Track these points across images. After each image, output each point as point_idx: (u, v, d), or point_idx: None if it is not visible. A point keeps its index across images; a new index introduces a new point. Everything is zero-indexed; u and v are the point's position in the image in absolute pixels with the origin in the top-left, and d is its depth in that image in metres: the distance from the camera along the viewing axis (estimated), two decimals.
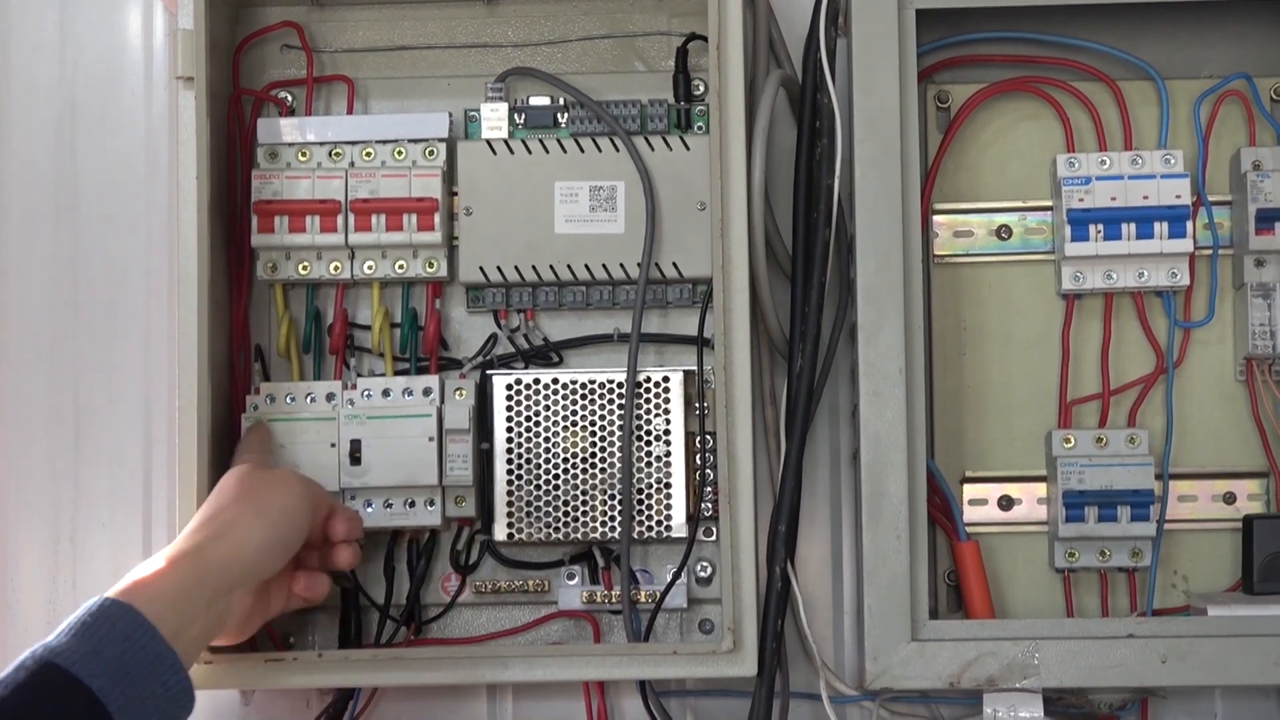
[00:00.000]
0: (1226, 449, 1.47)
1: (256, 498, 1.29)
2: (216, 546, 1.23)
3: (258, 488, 1.30)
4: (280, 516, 1.28)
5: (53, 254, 1.55)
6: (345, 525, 1.36)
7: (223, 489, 1.30)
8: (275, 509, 1.28)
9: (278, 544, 1.28)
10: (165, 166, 1.54)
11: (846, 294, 1.44)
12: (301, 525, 1.31)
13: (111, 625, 1.12)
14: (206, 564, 1.22)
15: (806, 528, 1.48)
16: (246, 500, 1.28)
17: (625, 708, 1.49)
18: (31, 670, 1.08)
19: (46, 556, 1.53)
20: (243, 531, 1.25)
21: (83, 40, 1.57)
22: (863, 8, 1.37)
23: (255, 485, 1.30)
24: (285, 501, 1.30)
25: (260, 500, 1.28)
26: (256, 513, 1.27)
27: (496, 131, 1.47)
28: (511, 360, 1.48)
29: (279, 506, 1.29)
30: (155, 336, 1.53)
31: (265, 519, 1.27)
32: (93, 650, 1.10)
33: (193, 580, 1.20)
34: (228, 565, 1.23)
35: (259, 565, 1.26)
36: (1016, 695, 1.33)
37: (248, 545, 1.25)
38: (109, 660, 1.10)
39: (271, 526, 1.27)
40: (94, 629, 1.12)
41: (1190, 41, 1.49)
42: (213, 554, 1.23)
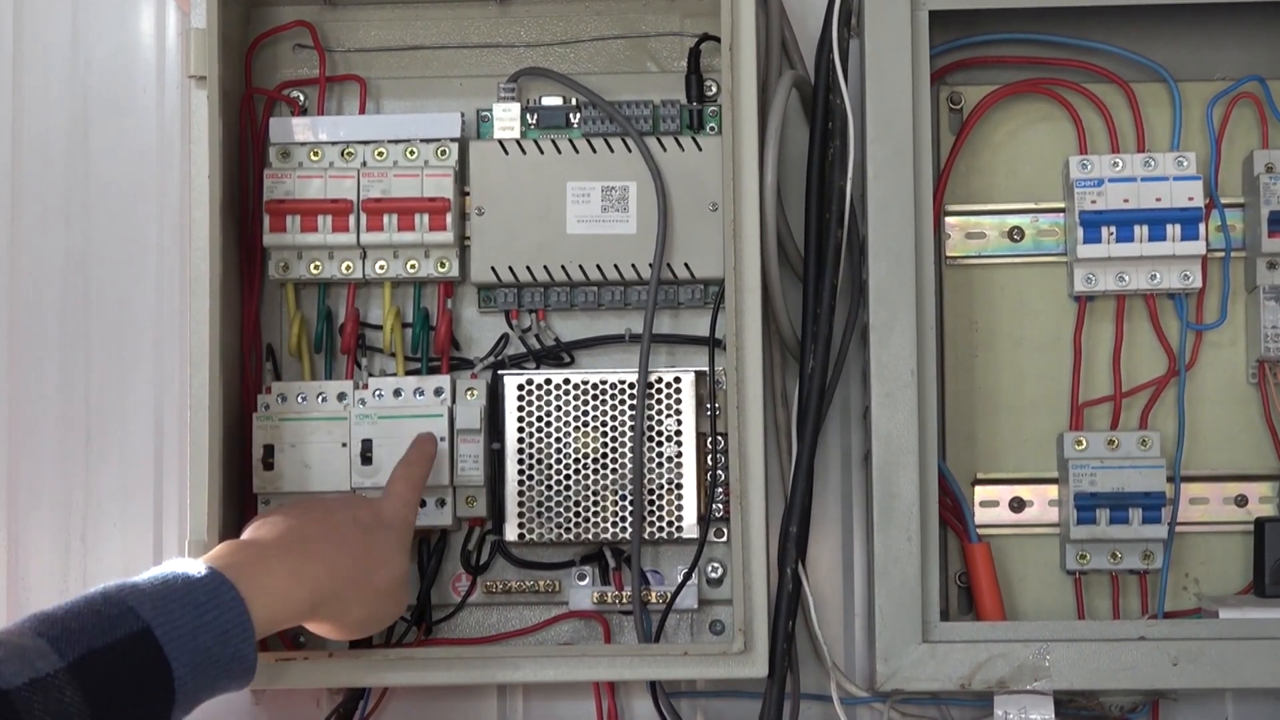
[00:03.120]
0: (1238, 451, 1.47)
1: (388, 604, 1.29)
2: (329, 609, 1.24)
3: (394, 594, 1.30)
4: (379, 626, 1.31)
5: (65, 253, 1.55)
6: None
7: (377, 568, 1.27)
8: (385, 620, 1.31)
9: (355, 634, 1.29)
10: (177, 165, 1.54)
11: (858, 295, 1.44)
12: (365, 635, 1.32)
13: (218, 614, 1.13)
14: (313, 615, 1.23)
15: (817, 529, 1.48)
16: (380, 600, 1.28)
17: (636, 708, 1.49)
18: (131, 632, 1.08)
19: (58, 555, 1.53)
20: (354, 621, 1.27)
21: (95, 39, 1.57)
22: (876, 9, 1.37)
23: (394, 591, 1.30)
24: (386, 621, 1.31)
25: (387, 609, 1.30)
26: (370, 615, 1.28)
27: (509, 131, 1.47)
28: (523, 360, 1.48)
29: (388, 619, 1.31)
30: (167, 336, 1.54)
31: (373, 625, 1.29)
32: (189, 632, 1.10)
33: (297, 617, 1.21)
34: (320, 625, 1.26)
35: (331, 637, 1.28)
36: (1027, 697, 1.33)
37: (345, 631, 1.27)
38: (200, 649, 1.11)
39: (368, 630, 1.29)
40: (201, 610, 1.12)
41: (1203, 43, 1.49)
42: (323, 612, 1.23)
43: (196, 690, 1.12)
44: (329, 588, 1.23)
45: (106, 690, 1.06)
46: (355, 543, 1.27)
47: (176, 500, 1.51)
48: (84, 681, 1.05)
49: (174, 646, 1.10)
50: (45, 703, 1.02)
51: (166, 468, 1.53)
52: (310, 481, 1.41)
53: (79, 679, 1.04)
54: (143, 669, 1.08)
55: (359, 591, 1.26)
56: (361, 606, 1.26)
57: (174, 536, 1.51)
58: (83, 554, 1.53)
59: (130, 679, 1.07)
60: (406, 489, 1.35)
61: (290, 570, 1.21)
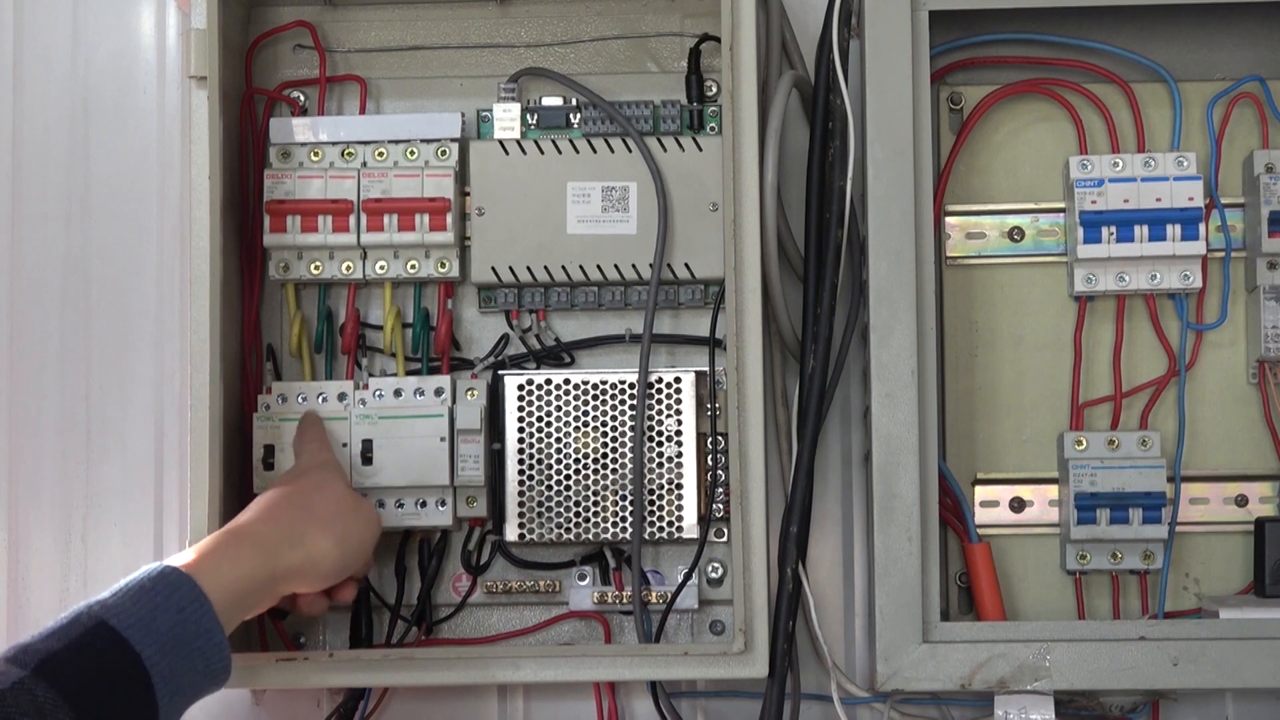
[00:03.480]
0: (1238, 451, 1.47)
1: (342, 522, 1.30)
2: (290, 554, 1.25)
3: (346, 513, 1.32)
4: (356, 549, 1.31)
5: (65, 253, 1.55)
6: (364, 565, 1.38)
7: (310, 495, 1.31)
8: (354, 541, 1.31)
9: (343, 573, 1.31)
10: (178, 166, 1.55)
11: (859, 295, 1.44)
12: (364, 563, 1.35)
13: (169, 595, 1.14)
14: (275, 566, 1.23)
15: (818, 529, 1.48)
16: (332, 521, 1.29)
17: (636, 708, 1.49)
18: (86, 628, 1.10)
19: (58, 555, 1.53)
20: (318, 551, 1.27)
21: (96, 40, 1.57)
22: (876, 9, 1.37)
23: (345, 509, 1.32)
24: (363, 537, 1.33)
25: (345, 526, 1.30)
26: (339, 538, 1.29)
27: (509, 132, 1.47)
28: (523, 360, 1.48)
29: (357, 541, 1.32)
30: (167, 336, 1.54)
31: (343, 547, 1.29)
32: (147, 616, 1.12)
33: (260, 576, 1.22)
34: (292, 574, 1.26)
35: (317, 584, 1.29)
36: (1028, 697, 1.33)
37: (320, 565, 1.28)
38: (161, 629, 1.12)
39: (345, 555, 1.30)
40: (152, 594, 1.13)
41: (1203, 43, 1.49)
42: (284, 560, 1.24)
43: (174, 675, 1.12)
44: (273, 535, 1.25)
45: (77, 683, 1.07)
46: (280, 495, 1.30)
47: (177, 500, 1.51)
48: (52, 681, 1.06)
49: (133, 631, 1.11)
50: (18, 706, 1.03)
51: (167, 467, 1.53)
52: None
53: (46, 680, 1.06)
54: (109, 657, 1.09)
55: (307, 524, 1.27)
56: (320, 535, 1.27)
57: (174, 536, 1.51)
58: (83, 554, 1.53)
59: (99, 669, 1.08)
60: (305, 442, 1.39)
61: (231, 537, 1.23)
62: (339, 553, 1.29)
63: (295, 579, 1.26)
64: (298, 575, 1.26)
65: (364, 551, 1.33)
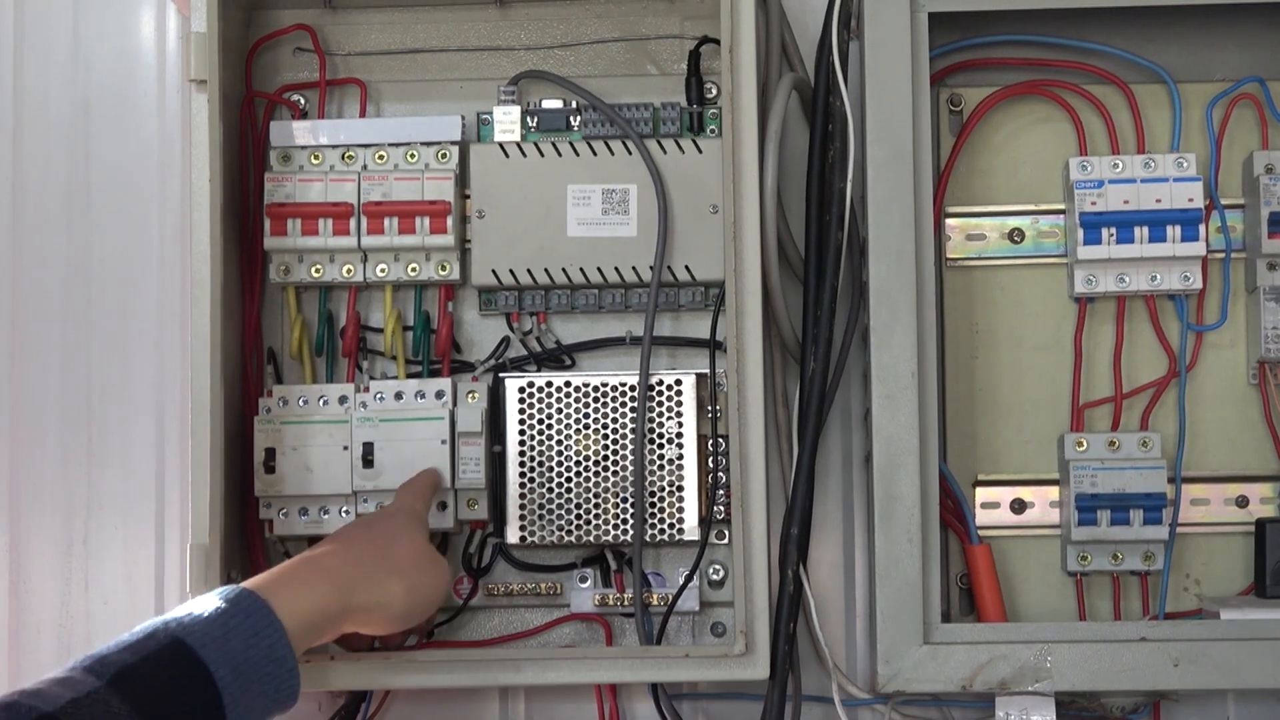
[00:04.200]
0: (1239, 452, 1.47)
1: (416, 573, 1.30)
2: (363, 594, 1.25)
3: (423, 565, 1.31)
4: (422, 603, 1.31)
5: (66, 256, 1.55)
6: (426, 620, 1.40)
7: (391, 541, 1.31)
8: (425, 594, 1.31)
9: (405, 622, 1.30)
10: (178, 169, 1.55)
11: (859, 297, 1.44)
12: (427, 617, 1.35)
13: (244, 618, 1.14)
14: (347, 602, 1.24)
15: (819, 531, 1.48)
16: (408, 571, 1.29)
17: (637, 710, 1.49)
18: (162, 643, 1.10)
19: (59, 558, 1.53)
20: (390, 596, 1.27)
21: (96, 43, 1.57)
22: (875, 11, 1.37)
23: (423, 561, 1.31)
24: (434, 592, 1.32)
25: (417, 577, 1.30)
26: (409, 588, 1.29)
27: (509, 134, 1.47)
28: (524, 363, 1.48)
29: (428, 594, 1.31)
30: (168, 339, 1.54)
31: (412, 599, 1.29)
32: (221, 637, 1.12)
33: (332, 610, 1.22)
34: (361, 613, 1.25)
35: (381, 629, 1.29)
36: (1029, 698, 1.33)
37: (389, 610, 1.27)
38: (235, 652, 1.13)
39: (411, 608, 1.29)
40: (228, 617, 1.14)
41: (1203, 45, 1.49)
42: (357, 598, 1.24)
43: (245, 698, 1.12)
44: (349, 572, 1.25)
45: (150, 698, 1.07)
46: (361, 533, 1.30)
47: (178, 503, 1.52)
48: (126, 694, 1.06)
49: (208, 651, 1.11)
50: (92, 715, 1.04)
51: (168, 471, 1.53)
52: (311, 485, 1.41)
53: (120, 693, 1.06)
54: (182, 675, 1.10)
55: (382, 567, 1.27)
56: (394, 581, 1.27)
57: (176, 540, 1.52)
58: (84, 557, 1.53)
59: (172, 686, 1.09)
60: (405, 490, 1.39)
61: (308, 567, 1.24)
62: (407, 602, 1.28)
63: (363, 619, 1.26)
64: (366, 616, 1.26)
65: (431, 606, 1.33)
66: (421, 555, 1.31)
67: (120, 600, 1.53)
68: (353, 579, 1.25)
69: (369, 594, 1.25)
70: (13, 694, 1.03)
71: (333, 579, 1.23)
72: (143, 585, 1.53)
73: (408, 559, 1.30)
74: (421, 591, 1.30)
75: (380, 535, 1.31)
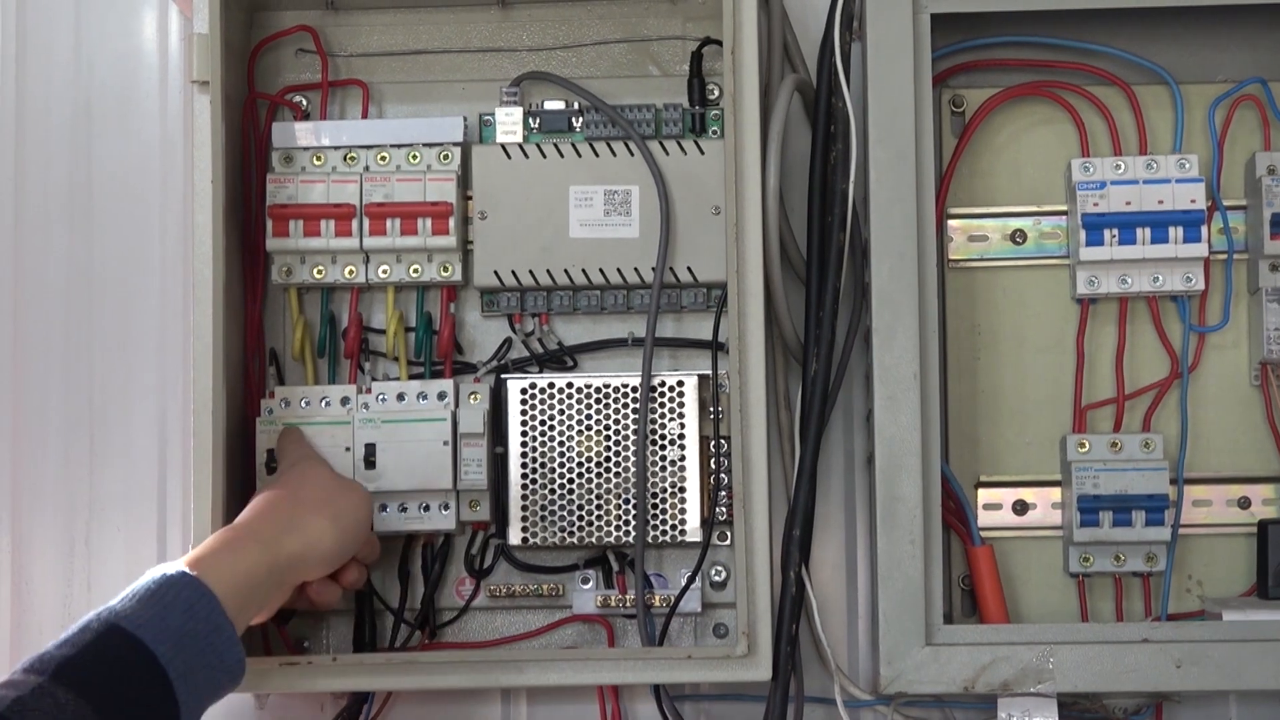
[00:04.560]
0: (1241, 454, 1.47)
1: (333, 503, 1.32)
2: (289, 541, 1.26)
3: (335, 494, 1.34)
4: (352, 527, 1.33)
5: (68, 257, 1.55)
6: (369, 548, 1.40)
7: (299, 486, 1.33)
8: (349, 519, 1.33)
9: (343, 552, 1.32)
10: (180, 170, 1.55)
11: (861, 298, 1.44)
12: (364, 539, 1.36)
13: (176, 594, 1.15)
14: (277, 556, 1.25)
15: (821, 532, 1.48)
16: (323, 504, 1.31)
17: (639, 712, 1.49)
18: (98, 632, 1.11)
19: (61, 559, 1.53)
20: (316, 533, 1.29)
21: (98, 44, 1.58)
22: (878, 12, 1.37)
23: (333, 491, 1.34)
24: (359, 514, 1.34)
25: (336, 506, 1.32)
26: (332, 518, 1.31)
27: (511, 136, 1.47)
28: (526, 364, 1.48)
29: (352, 518, 1.33)
30: (170, 340, 1.54)
31: (339, 526, 1.31)
32: (157, 616, 1.13)
33: (262, 568, 1.23)
34: (296, 561, 1.27)
35: (321, 567, 1.31)
36: (1031, 700, 1.33)
37: (319, 547, 1.29)
38: (172, 628, 1.13)
39: (342, 534, 1.31)
40: (160, 596, 1.14)
41: (1205, 45, 1.49)
42: (284, 547, 1.26)
43: (190, 673, 1.13)
44: (269, 527, 1.27)
45: (95, 684, 1.07)
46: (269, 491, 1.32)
47: (180, 505, 1.52)
48: (70, 684, 1.07)
49: (145, 631, 1.12)
50: (40, 709, 1.04)
51: (170, 472, 1.53)
52: None
53: (64, 684, 1.06)
54: (124, 658, 1.10)
55: (299, 510, 1.29)
56: (314, 518, 1.29)
57: (177, 541, 1.52)
58: (86, 558, 1.53)
59: (116, 671, 1.09)
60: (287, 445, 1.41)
61: (227, 535, 1.25)
62: (336, 531, 1.30)
63: (299, 566, 1.27)
64: (300, 561, 1.27)
65: (360, 528, 1.34)
66: (332, 486, 1.34)
67: None
68: (275, 531, 1.26)
69: (295, 540, 1.27)
70: None
71: (255, 537, 1.24)
72: None
73: (320, 494, 1.32)
74: (345, 517, 1.32)
75: (287, 482, 1.33)
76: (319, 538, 1.29)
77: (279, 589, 1.27)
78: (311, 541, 1.28)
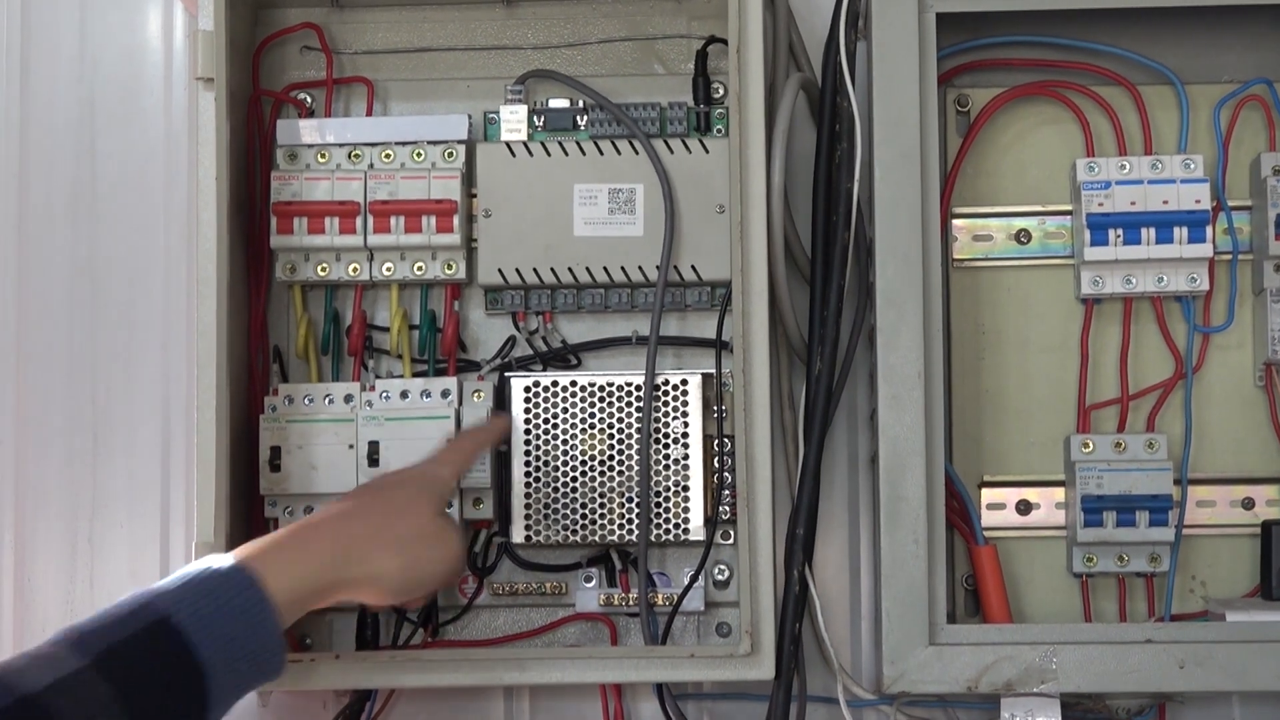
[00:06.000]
0: (1245, 454, 1.47)
1: (414, 549, 1.27)
2: (354, 569, 1.23)
3: (421, 541, 1.28)
4: (420, 578, 1.28)
5: (72, 255, 1.55)
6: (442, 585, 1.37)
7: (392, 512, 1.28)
8: (422, 570, 1.28)
9: (400, 596, 1.28)
10: (184, 167, 1.55)
11: (865, 297, 1.44)
12: (429, 590, 1.32)
13: (233, 596, 1.13)
14: (337, 577, 1.22)
15: (824, 531, 1.48)
16: (403, 546, 1.26)
17: (642, 710, 1.49)
18: (148, 623, 1.09)
19: (65, 557, 1.53)
20: (381, 572, 1.24)
21: (102, 41, 1.58)
22: (883, 11, 1.37)
23: (421, 537, 1.28)
24: (435, 569, 1.29)
25: (415, 553, 1.27)
26: (405, 565, 1.26)
27: (516, 134, 1.47)
28: (530, 362, 1.48)
29: (427, 571, 1.28)
30: (174, 337, 1.54)
31: (406, 575, 1.26)
32: (209, 616, 1.11)
33: (322, 584, 1.20)
34: (352, 588, 1.23)
35: (374, 600, 1.27)
36: (1034, 700, 1.33)
37: (379, 584, 1.25)
38: (222, 633, 1.11)
39: (406, 583, 1.26)
40: (216, 596, 1.12)
41: (1210, 46, 1.48)
42: (347, 572, 1.22)
43: (228, 678, 1.12)
44: (344, 544, 1.23)
45: (134, 681, 1.06)
46: (367, 501, 1.28)
47: (183, 502, 1.52)
48: (110, 675, 1.05)
49: (195, 632, 1.10)
50: (74, 701, 1.03)
51: (173, 469, 1.53)
52: (317, 483, 1.41)
53: (103, 674, 1.05)
54: (167, 657, 1.09)
55: (380, 541, 1.25)
56: (388, 556, 1.24)
57: (181, 538, 1.52)
58: (90, 555, 1.53)
59: (156, 668, 1.08)
60: (447, 448, 1.37)
61: (300, 539, 1.22)
62: (402, 578, 1.26)
63: (354, 591, 1.24)
64: (357, 588, 1.24)
65: (431, 580, 1.29)
66: (426, 530, 1.28)
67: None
68: (348, 551, 1.23)
69: (363, 568, 1.23)
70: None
71: (327, 551, 1.22)
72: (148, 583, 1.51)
73: (410, 533, 1.27)
74: (421, 567, 1.27)
75: (386, 504, 1.28)
76: (385, 577, 1.25)
77: (330, 601, 1.23)
78: (378, 578, 1.24)
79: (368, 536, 1.25)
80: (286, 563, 1.19)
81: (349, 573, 1.22)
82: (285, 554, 1.19)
